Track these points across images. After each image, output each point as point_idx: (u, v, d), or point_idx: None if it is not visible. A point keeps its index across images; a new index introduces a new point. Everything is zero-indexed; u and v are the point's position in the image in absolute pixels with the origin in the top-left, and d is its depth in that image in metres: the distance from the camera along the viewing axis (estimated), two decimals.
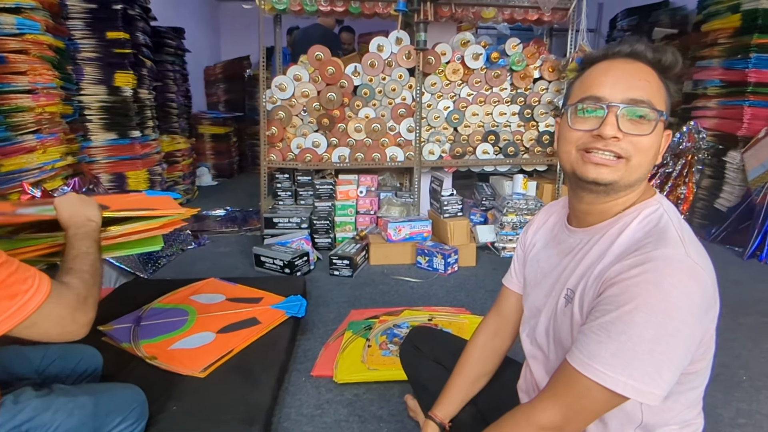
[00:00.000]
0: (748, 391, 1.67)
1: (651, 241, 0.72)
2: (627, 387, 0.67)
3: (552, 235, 0.96)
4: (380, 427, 1.45)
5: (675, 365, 0.68)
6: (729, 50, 3.60)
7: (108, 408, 1.14)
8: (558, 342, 0.85)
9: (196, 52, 5.23)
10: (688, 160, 3.89)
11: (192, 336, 1.70)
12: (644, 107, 0.75)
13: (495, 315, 1.10)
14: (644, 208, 0.79)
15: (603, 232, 0.81)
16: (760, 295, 2.49)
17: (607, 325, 0.69)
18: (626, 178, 0.77)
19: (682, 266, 0.68)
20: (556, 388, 0.75)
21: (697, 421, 0.85)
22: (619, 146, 0.75)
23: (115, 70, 3.13)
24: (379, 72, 3.06)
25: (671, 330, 0.66)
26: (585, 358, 0.70)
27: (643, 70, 0.77)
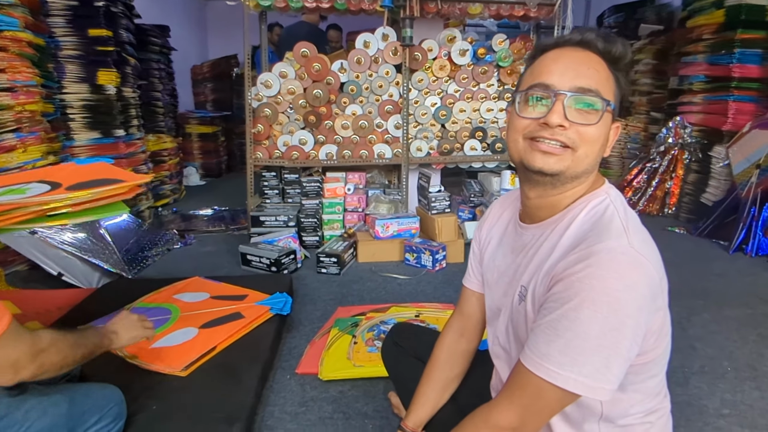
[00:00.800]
0: (733, 382, 1.68)
1: (594, 233, 0.72)
2: (577, 384, 0.67)
3: (506, 232, 0.95)
4: (365, 424, 1.44)
5: (623, 358, 0.68)
6: (713, 46, 3.63)
7: (83, 407, 1.12)
8: (518, 340, 0.84)
9: (182, 51, 5.18)
10: (674, 155, 3.92)
11: (174, 333, 1.67)
12: (592, 96, 0.74)
13: (458, 316, 1.09)
14: (592, 199, 0.79)
15: (553, 227, 0.80)
16: (745, 287, 2.51)
17: (554, 322, 0.69)
18: (573, 168, 0.76)
19: (625, 258, 0.68)
20: (512, 389, 0.74)
21: (662, 406, 0.85)
22: (565, 135, 0.74)
23: (98, 68, 3.07)
24: (366, 68, 3.04)
25: (616, 324, 0.66)
26: (536, 358, 0.70)
27: (592, 59, 0.76)
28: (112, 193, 1.28)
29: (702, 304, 2.28)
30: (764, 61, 3.39)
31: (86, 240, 2.42)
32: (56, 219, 1.23)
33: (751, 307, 2.26)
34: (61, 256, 2.31)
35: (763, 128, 3.16)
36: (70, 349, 1.05)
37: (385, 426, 1.42)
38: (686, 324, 2.07)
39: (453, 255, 2.85)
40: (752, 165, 3.15)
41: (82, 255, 2.35)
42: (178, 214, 3.94)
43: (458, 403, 1.09)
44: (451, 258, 2.84)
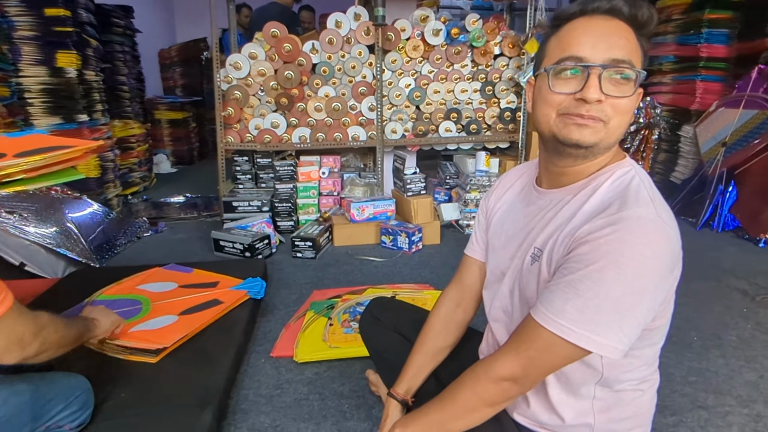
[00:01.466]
0: (699, 351, 1.73)
1: (623, 200, 0.72)
2: (590, 341, 0.68)
3: (520, 198, 0.95)
4: (341, 404, 1.43)
5: (638, 321, 0.69)
6: (682, 26, 3.68)
7: (48, 395, 1.09)
8: (524, 301, 0.85)
9: (148, 34, 5.00)
10: (645, 135, 3.98)
11: (153, 319, 1.62)
12: (626, 67, 0.72)
13: (457, 286, 1.09)
14: (617, 169, 0.79)
15: (575, 192, 0.80)
16: (711, 261, 2.58)
17: (575, 282, 0.69)
18: (606, 140, 0.76)
19: (653, 226, 0.69)
20: (518, 341, 0.75)
21: (654, 377, 0.87)
22: (600, 109, 0.73)
23: (57, 50, 2.93)
24: (338, 49, 2.99)
25: (639, 288, 0.67)
26: (550, 314, 0.71)
27: (622, 28, 0.74)
28: (65, 157, 1.25)
29: None
30: (731, 40, 3.46)
31: (50, 229, 2.34)
32: (11, 186, 1.19)
33: (717, 280, 2.33)
34: (24, 245, 2.22)
35: (729, 107, 3.23)
36: (65, 328, 1.09)
37: (362, 405, 1.42)
38: None
39: (429, 237, 2.85)
40: (718, 143, 3.23)
41: (45, 244, 2.26)
42: (148, 202, 3.83)
43: (440, 379, 1.09)
44: (428, 240, 2.84)
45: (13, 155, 1.19)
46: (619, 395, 0.82)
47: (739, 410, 1.42)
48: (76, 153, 1.28)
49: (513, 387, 0.76)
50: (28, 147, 1.26)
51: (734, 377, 1.57)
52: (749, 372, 1.60)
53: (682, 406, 1.43)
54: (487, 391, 0.77)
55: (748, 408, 1.42)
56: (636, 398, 0.84)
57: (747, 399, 1.46)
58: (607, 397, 0.82)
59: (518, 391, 0.77)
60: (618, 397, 0.82)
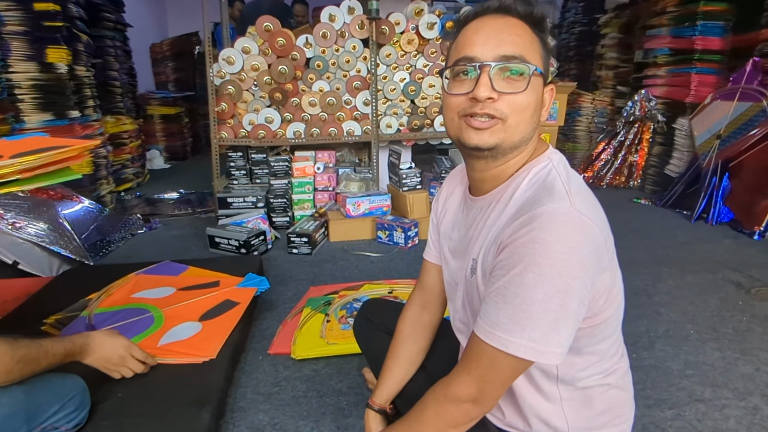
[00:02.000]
0: (695, 344, 1.74)
1: (537, 198, 0.71)
2: (528, 350, 0.67)
3: (459, 205, 0.94)
4: (339, 401, 1.43)
5: (571, 320, 0.67)
6: (677, 18, 3.68)
7: (42, 397, 1.08)
8: (474, 314, 0.83)
9: (140, 28, 4.95)
10: (640, 128, 3.99)
11: (173, 329, 1.54)
12: (517, 63, 0.72)
13: (420, 290, 1.09)
14: (534, 166, 0.78)
15: (498, 197, 0.80)
16: (706, 254, 2.59)
17: (502, 289, 0.68)
18: (508, 138, 0.75)
19: (567, 219, 0.67)
20: (468, 360, 0.74)
21: (620, 365, 0.86)
22: (494, 107, 0.72)
23: (47, 45, 2.89)
24: (332, 43, 2.96)
25: (562, 286, 0.65)
26: (487, 327, 0.70)
27: (513, 24, 0.74)
28: (60, 157, 1.23)
29: (667, 272, 2.35)
30: (726, 33, 3.46)
31: (44, 227, 2.31)
32: (6, 186, 1.17)
33: (713, 273, 2.34)
34: (16, 244, 2.19)
35: (723, 99, 3.23)
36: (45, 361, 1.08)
37: (360, 402, 1.42)
38: (652, 291, 2.13)
39: (425, 231, 2.83)
40: (713, 136, 3.24)
41: (39, 242, 2.24)
42: (142, 199, 3.80)
43: (429, 373, 1.09)
44: (424, 234, 2.84)
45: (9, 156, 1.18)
46: (586, 392, 0.81)
47: (735, 403, 1.42)
48: (71, 152, 1.26)
49: (473, 408, 0.74)
50: (26, 149, 1.25)
51: (731, 370, 1.58)
52: (745, 364, 1.61)
53: (679, 400, 1.44)
54: (449, 414, 0.76)
55: (744, 401, 1.43)
56: (604, 392, 0.83)
57: (744, 392, 1.47)
58: (574, 397, 0.81)
59: (480, 411, 0.75)
60: (585, 395, 0.81)
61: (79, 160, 1.34)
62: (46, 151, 1.22)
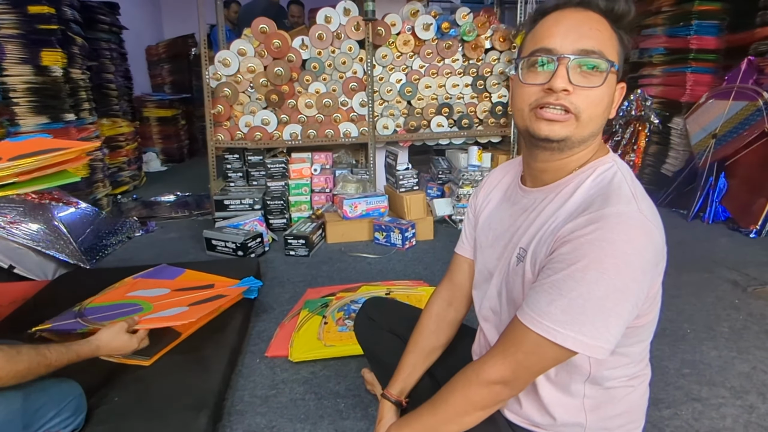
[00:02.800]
0: (692, 343, 1.74)
1: (604, 198, 0.72)
2: (576, 342, 0.68)
3: (506, 196, 0.94)
4: (337, 403, 1.42)
5: (623, 320, 0.69)
6: (672, 18, 3.69)
7: (39, 402, 1.08)
8: (511, 302, 0.84)
9: (135, 31, 4.94)
10: (636, 127, 4.00)
11: (161, 311, 1.53)
12: (595, 58, 0.72)
13: (448, 284, 1.08)
14: (598, 166, 0.78)
15: (558, 191, 0.80)
16: (702, 253, 2.60)
17: (559, 282, 0.69)
18: (579, 133, 0.75)
19: (635, 222, 0.68)
20: (506, 344, 0.75)
21: (644, 372, 0.87)
22: (569, 100, 0.73)
23: (42, 48, 2.88)
24: (328, 45, 2.96)
25: (621, 287, 0.67)
26: (536, 315, 0.70)
27: (594, 19, 0.74)
28: (58, 160, 1.22)
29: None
30: (720, 32, 3.47)
31: (39, 231, 2.30)
32: (3, 190, 1.16)
33: (709, 272, 2.34)
34: (12, 248, 2.18)
35: (719, 98, 3.24)
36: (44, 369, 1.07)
37: (357, 404, 1.42)
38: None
39: (422, 232, 2.85)
40: (708, 135, 3.25)
41: (34, 246, 2.23)
42: (138, 201, 3.79)
43: (435, 377, 1.08)
44: (421, 235, 2.84)
45: (7, 159, 1.17)
46: (610, 392, 0.82)
47: (732, 402, 1.43)
48: (69, 155, 1.25)
49: (503, 390, 0.75)
50: (26, 151, 1.24)
51: (727, 369, 1.59)
52: (742, 363, 1.62)
53: (676, 399, 1.44)
54: (478, 395, 0.77)
55: (741, 399, 1.44)
56: (627, 395, 0.84)
57: (740, 390, 1.48)
58: (597, 395, 0.82)
59: (509, 394, 0.77)
60: (609, 395, 0.82)
61: (78, 163, 1.32)
62: (44, 153, 1.21)
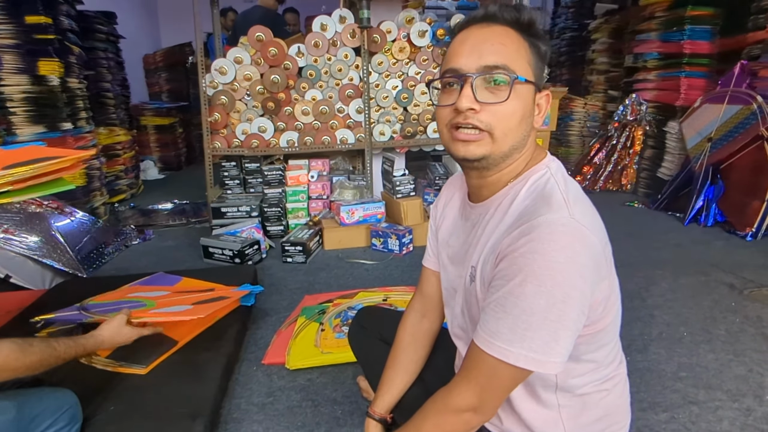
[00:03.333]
0: (689, 346, 1.74)
1: (535, 208, 0.71)
2: (528, 360, 0.67)
3: (459, 212, 0.94)
4: (334, 410, 1.42)
5: (570, 330, 0.68)
6: (665, 23, 3.72)
7: (34, 412, 1.07)
8: (472, 321, 0.84)
9: (132, 39, 4.96)
10: (631, 132, 4.02)
11: (164, 308, 1.55)
12: (499, 72, 0.72)
13: (419, 297, 1.08)
14: (532, 175, 0.78)
15: (496, 205, 0.80)
16: (698, 256, 2.61)
17: (501, 299, 0.69)
18: (497, 149, 0.75)
19: (565, 229, 0.67)
20: (468, 370, 0.74)
21: (618, 372, 0.86)
22: (477, 119, 0.73)
23: (39, 58, 2.89)
24: (324, 52, 2.98)
25: (561, 296, 0.66)
26: (487, 336, 0.70)
27: (499, 33, 0.74)
28: (54, 167, 1.23)
29: (660, 274, 2.36)
30: (713, 36, 3.50)
31: (36, 240, 2.30)
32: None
33: (705, 275, 2.35)
34: (8, 257, 2.18)
35: (713, 102, 3.26)
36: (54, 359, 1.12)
37: (355, 411, 1.41)
38: (645, 294, 2.14)
39: (420, 238, 2.85)
40: (704, 139, 3.26)
41: (31, 255, 2.23)
42: (136, 210, 3.79)
43: (425, 383, 1.08)
44: (418, 241, 2.84)
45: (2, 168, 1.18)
46: (584, 399, 0.82)
47: (729, 404, 1.43)
48: (65, 163, 1.26)
49: (474, 417, 0.74)
50: (21, 159, 1.25)
51: (724, 371, 1.59)
52: (738, 366, 1.62)
53: (673, 402, 1.44)
54: (449, 423, 0.76)
55: (738, 402, 1.44)
56: (603, 398, 0.83)
57: (737, 393, 1.48)
58: (572, 404, 0.81)
59: (480, 420, 0.75)
60: (583, 401, 0.82)
61: (73, 171, 1.34)
62: (40, 162, 1.22)
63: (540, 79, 0.76)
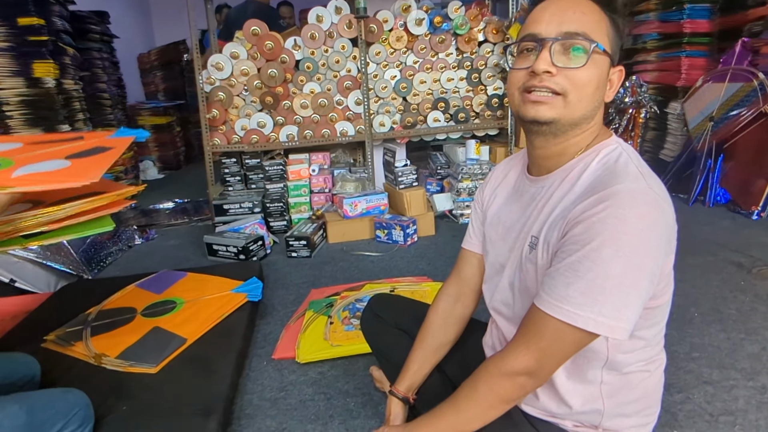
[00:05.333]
0: (700, 326, 1.73)
1: (612, 176, 0.72)
2: (598, 324, 0.67)
3: (514, 188, 0.94)
4: (347, 402, 1.41)
5: (641, 298, 0.68)
6: (664, 3, 3.67)
7: (45, 415, 1.06)
8: (524, 291, 0.84)
9: (126, 39, 4.91)
10: (632, 114, 3.99)
11: (31, 165, 1.00)
12: (578, 39, 0.73)
13: (455, 280, 1.07)
14: (602, 148, 0.78)
15: (564, 176, 0.79)
16: (705, 236, 2.59)
17: (575, 264, 0.69)
18: (568, 115, 0.75)
19: (645, 198, 0.68)
20: (526, 334, 0.74)
21: (660, 357, 0.86)
22: (553, 81, 0.74)
23: (33, 60, 2.86)
24: (321, 44, 2.94)
25: (637, 263, 0.66)
26: (554, 301, 0.70)
27: (580, 3, 0.75)
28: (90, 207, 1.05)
29: None
30: (713, 15, 3.46)
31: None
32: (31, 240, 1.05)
33: (713, 254, 2.34)
34: (12, 261, 2.17)
35: (714, 81, 3.23)
36: None
37: (367, 402, 1.41)
38: None
39: (424, 228, 2.84)
40: (706, 118, 3.24)
41: (35, 259, 2.22)
42: (137, 210, 3.77)
43: (444, 371, 1.08)
44: (422, 231, 2.83)
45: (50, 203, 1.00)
46: (627, 377, 0.81)
47: (744, 383, 1.42)
48: (104, 200, 1.07)
49: (529, 381, 0.75)
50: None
51: (737, 350, 1.58)
52: (751, 344, 1.61)
53: (687, 383, 1.43)
54: (503, 388, 0.76)
55: (752, 380, 1.43)
56: (643, 380, 0.83)
57: (751, 371, 1.47)
58: (614, 381, 0.81)
59: (534, 385, 0.76)
60: (626, 380, 0.81)
61: (116, 209, 1.11)
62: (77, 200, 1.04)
63: (615, 53, 0.77)
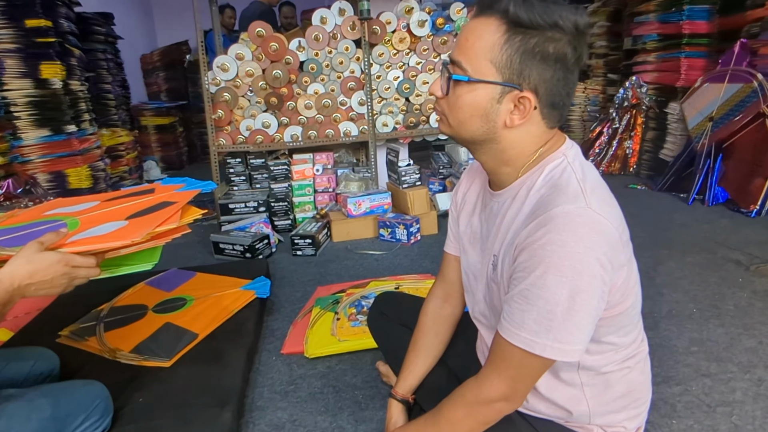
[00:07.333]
0: (698, 321, 1.77)
1: (551, 199, 0.72)
2: (554, 350, 0.70)
3: (478, 198, 0.95)
4: (355, 395, 1.45)
5: (592, 317, 0.70)
6: (664, 4, 3.72)
7: (69, 408, 1.09)
8: (493, 310, 0.86)
9: (129, 40, 4.95)
10: (632, 114, 4.03)
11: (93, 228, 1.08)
12: (451, 66, 0.76)
13: (441, 282, 1.10)
14: (548, 164, 0.77)
15: (513, 194, 0.80)
16: (704, 235, 2.63)
17: (524, 292, 0.71)
18: (458, 135, 0.80)
19: (582, 220, 0.68)
20: (495, 361, 0.77)
21: (639, 351, 0.89)
22: (438, 104, 0.80)
23: (40, 61, 2.90)
24: (325, 45, 2.98)
25: (583, 285, 0.67)
26: (513, 329, 0.72)
27: (476, 27, 0.72)
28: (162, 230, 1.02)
29: (667, 254, 2.38)
30: (712, 16, 3.50)
31: None
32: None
33: (711, 252, 2.38)
34: None
35: (714, 82, 3.28)
36: None
37: (375, 395, 1.45)
38: (653, 273, 2.17)
39: (427, 227, 2.88)
40: (705, 118, 3.28)
41: None
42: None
43: (448, 365, 1.11)
44: (425, 230, 2.86)
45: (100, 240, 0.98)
46: (606, 377, 0.84)
47: (740, 376, 1.46)
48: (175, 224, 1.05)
49: (506, 405, 0.78)
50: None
51: (734, 345, 1.62)
52: (748, 339, 1.65)
53: (686, 376, 1.47)
54: (482, 414, 0.79)
55: (749, 373, 1.47)
56: (625, 375, 0.85)
57: (748, 365, 1.51)
58: (594, 382, 0.83)
59: (512, 407, 0.79)
60: (605, 379, 0.84)
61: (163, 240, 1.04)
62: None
63: (520, 78, 0.71)
